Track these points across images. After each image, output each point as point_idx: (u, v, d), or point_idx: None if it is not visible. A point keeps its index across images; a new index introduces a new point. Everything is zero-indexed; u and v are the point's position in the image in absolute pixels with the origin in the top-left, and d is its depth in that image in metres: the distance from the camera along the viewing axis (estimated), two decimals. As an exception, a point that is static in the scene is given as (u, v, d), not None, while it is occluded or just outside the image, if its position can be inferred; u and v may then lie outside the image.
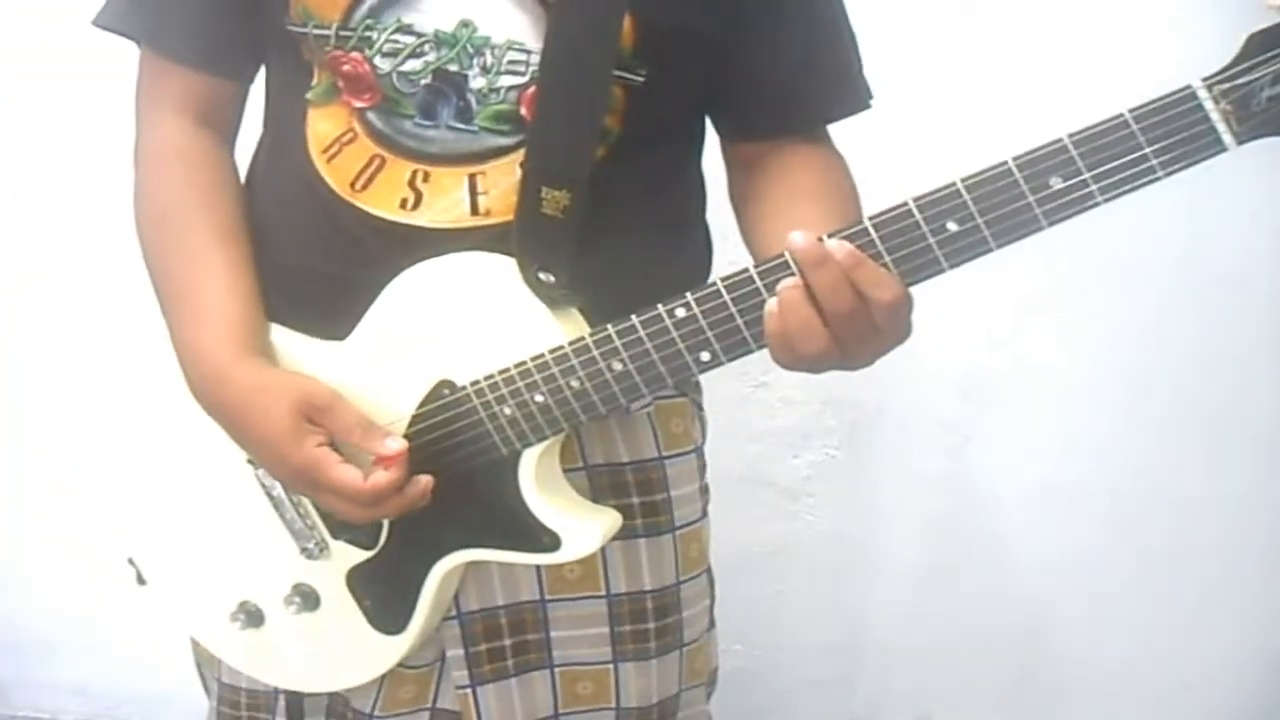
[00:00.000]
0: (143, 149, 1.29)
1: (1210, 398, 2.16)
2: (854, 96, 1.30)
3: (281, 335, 1.25)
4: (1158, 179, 0.95)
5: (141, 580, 1.37)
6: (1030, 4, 2.05)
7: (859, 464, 2.32)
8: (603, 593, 1.33)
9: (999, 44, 2.06)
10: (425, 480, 1.17)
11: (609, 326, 1.11)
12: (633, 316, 1.09)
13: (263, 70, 1.31)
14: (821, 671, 2.43)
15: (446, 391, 1.17)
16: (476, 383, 1.15)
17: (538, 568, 1.31)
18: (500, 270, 1.14)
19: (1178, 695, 2.30)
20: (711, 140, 1.34)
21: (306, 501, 1.26)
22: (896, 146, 1.88)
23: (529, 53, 1.15)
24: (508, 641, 1.32)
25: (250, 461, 1.25)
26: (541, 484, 1.19)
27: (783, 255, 1.03)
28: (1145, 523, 2.22)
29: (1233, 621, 2.24)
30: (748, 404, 2.26)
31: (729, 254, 1.34)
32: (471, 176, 1.17)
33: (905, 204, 1.00)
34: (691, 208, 1.35)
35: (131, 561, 1.36)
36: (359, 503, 1.16)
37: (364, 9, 1.15)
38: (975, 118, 2.05)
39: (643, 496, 1.33)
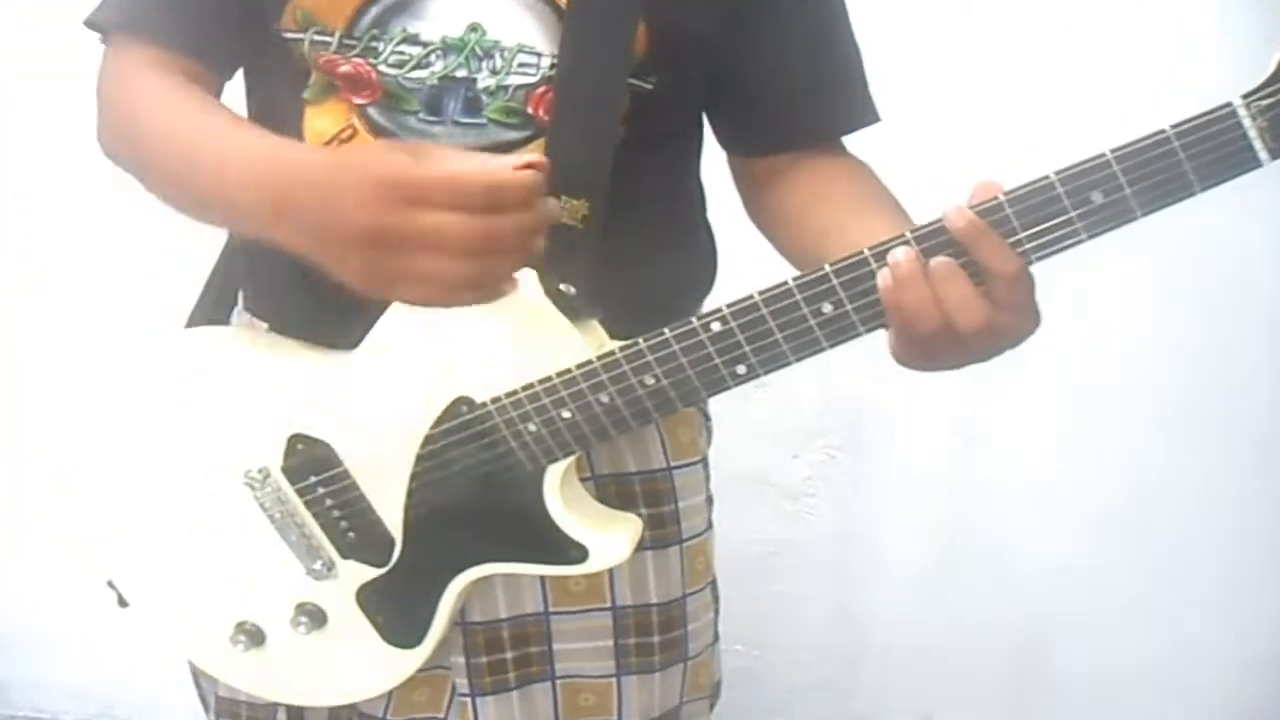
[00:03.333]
0: (107, 76, 1.21)
1: (1211, 398, 2.17)
2: (867, 109, 1.29)
3: (284, 345, 1.23)
4: (1194, 194, 0.95)
5: (123, 603, 1.33)
6: (1029, 4, 2.05)
7: (859, 464, 2.32)
8: (608, 605, 1.32)
9: (997, 44, 2.06)
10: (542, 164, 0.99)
11: (640, 340, 1.08)
12: (665, 330, 1.07)
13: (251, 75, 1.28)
14: (822, 671, 2.43)
15: (464, 409, 1.14)
16: (498, 399, 1.13)
17: (542, 579, 1.30)
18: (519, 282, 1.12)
19: (1178, 695, 2.31)
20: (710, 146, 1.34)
21: (312, 521, 1.22)
22: (892, 148, 1.88)
23: (539, 55, 1.14)
24: (509, 654, 1.31)
25: (249, 483, 1.21)
26: (566, 498, 1.17)
27: (822, 268, 1.02)
28: (1146, 523, 2.23)
29: (1233, 621, 2.25)
30: (748, 404, 2.25)
31: (726, 255, 1.35)
32: None
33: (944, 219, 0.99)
34: (695, 209, 1.35)
35: (111, 584, 1.33)
36: (505, 197, 0.95)
37: (369, 18, 1.14)
38: (973, 119, 2.05)
39: (650, 508, 1.32)
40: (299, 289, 1.21)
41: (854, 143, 1.31)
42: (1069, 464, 2.24)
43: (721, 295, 1.10)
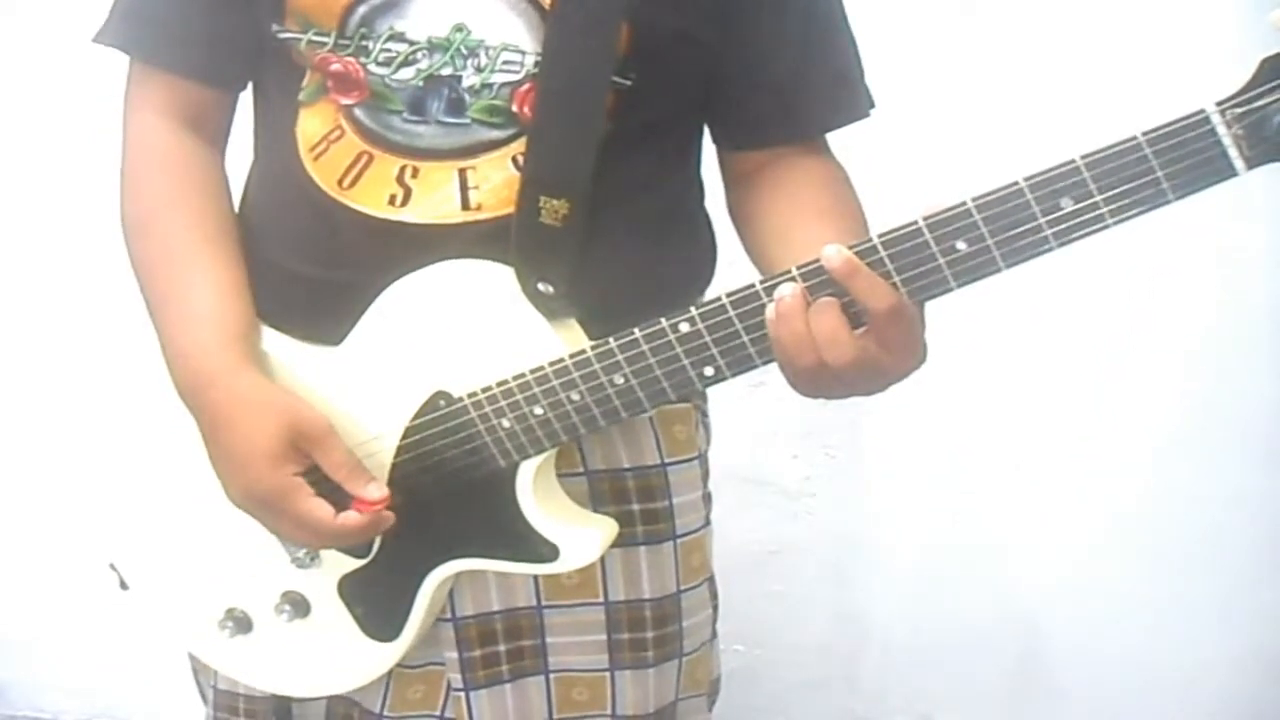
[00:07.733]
0: (128, 153, 1.27)
1: (1208, 398, 2.16)
2: (853, 104, 1.28)
3: (273, 339, 1.24)
4: (1168, 202, 0.93)
5: (124, 585, 1.35)
6: (1030, 5, 2.05)
7: (859, 464, 2.32)
8: (601, 600, 1.32)
9: (999, 45, 2.06)
10: (389, 517, 1.18)
11: (610, 340, 1.10)
12: (635, 330, 1.08)
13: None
14: (821, 671, 2.43)
15: (443, 403, 1.16)
16: (474, 394, 1.14)
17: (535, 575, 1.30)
18: (498, 280, 1.13)
19: (1178, 695, 2.30)
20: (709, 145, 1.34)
21: None
22: (892, 149, 1.88)
23: (523, 54, 1.14)
24: (502, 647, 1.31)
25: None
26: (539, 495, 1.18)
27: (789, 270, 1.02)
28: (1145, 522, 2.22)
29: (1233, 621, 2.24)
30: (747, 404, 2.24)
31: (726, 253, 1.35)
32: (461, 171, 1.16)
33: (915, 223, 0.98)
34: (688, 206, 1.34)
35: (113, 567, 1.35)
36: (321, 536, 1.18)
37: (357, 17, 1.15)
38: (974, 120, 2.05)
39: (643, 503, 1.32)
40: (288, 286, 1.24)
41: (855, 143, 1.30)
42: (1067, 464, 2.23)
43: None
